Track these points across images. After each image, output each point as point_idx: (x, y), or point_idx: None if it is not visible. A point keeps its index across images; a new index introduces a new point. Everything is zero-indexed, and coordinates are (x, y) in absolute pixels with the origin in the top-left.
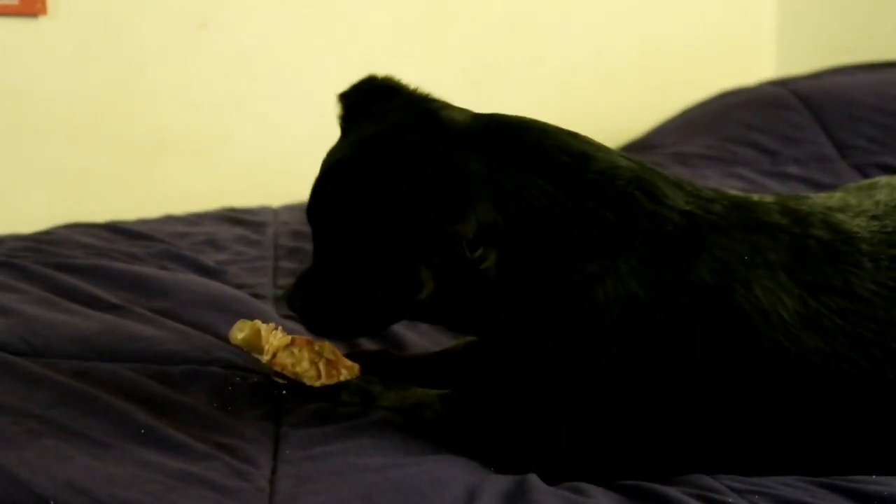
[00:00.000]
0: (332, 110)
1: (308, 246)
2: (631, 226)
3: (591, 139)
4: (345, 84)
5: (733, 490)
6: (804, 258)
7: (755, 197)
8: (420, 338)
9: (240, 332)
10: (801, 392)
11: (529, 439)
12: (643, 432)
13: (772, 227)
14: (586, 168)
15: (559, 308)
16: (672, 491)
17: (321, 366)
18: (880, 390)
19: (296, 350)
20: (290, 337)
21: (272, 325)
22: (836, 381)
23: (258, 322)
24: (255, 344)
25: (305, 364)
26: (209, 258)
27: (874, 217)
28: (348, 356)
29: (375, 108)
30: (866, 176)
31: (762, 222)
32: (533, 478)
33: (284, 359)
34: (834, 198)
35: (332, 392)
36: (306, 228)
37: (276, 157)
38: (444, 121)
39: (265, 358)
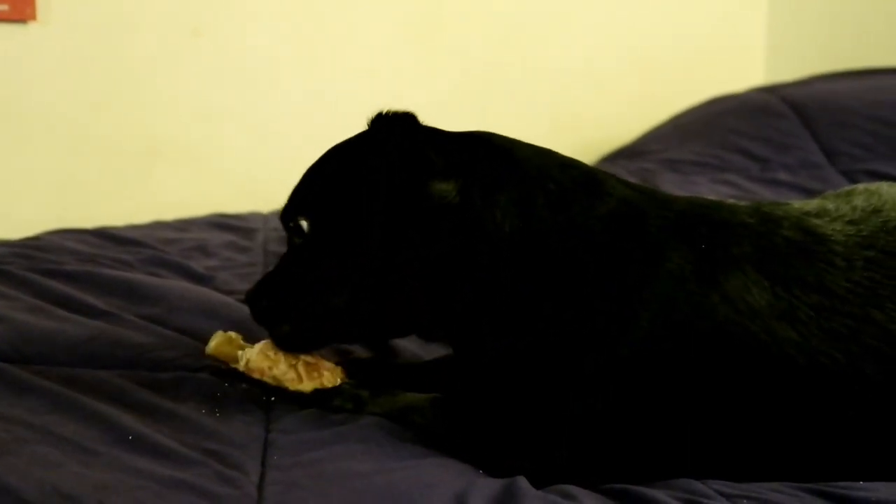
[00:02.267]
0: (325, 118)
1: None
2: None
3: None
4: (338, 92)
5: (722, 494)
6: (772, 254)
7: (728, 201)
8: (412, 345)
9: (212, 342)
10: (779, 384)
11: (518, 442)
12: (631, 431)
13: (736, 224)
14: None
15: (538, 307)
16: (661, 495)
17: (300, 368)
18: (858, 385)
19: (270, 353)
20: (262, 341)
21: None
22: (812, 374)
23: (231, 332)
24: (226, 351)
25: (283, 366)
26: (199, 264)
27: (851, 222)
28: (341, 363)
29: None
30: (855, 182)
31: (724, 220)
32: (521, 481)
33: (260, 362)
34: (811, 204)
35: (324, 397)
36: None
37: (269, 165)
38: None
39: (241, 364)
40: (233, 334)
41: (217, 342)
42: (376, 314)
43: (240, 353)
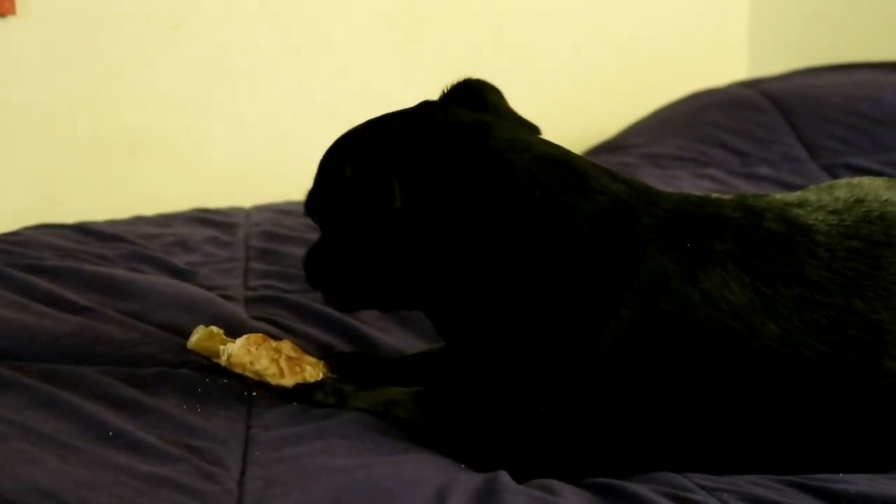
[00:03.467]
0: (308, 111)
1: (279, 247)
2: (575, 221)
3: None
4: (321, 86)
5: (703, 488)
6: (755, 248)
7: (713, 195)
8: (393, 340)
9: (193, 336)
10: (762, 377)
11: (500, 436)
12: (615, 426)
13: (720, 219)
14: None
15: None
16: (642, 489)
17: (282, 363)
18: (840, 376)
19: (252, 348)
20: (244, 336)
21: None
22: (794, 366)
23: (213, 327)
24: (208, 346)
25: (265, 361)
26: (180, 260)
27: (833, 212)
28: (323, 357)
29: None
30: (836, 176)
31: (710, 215)
32: (503, 476)
33: (242, 357)
34: (793, 195)
35: (306, 392)
36: (277, 230)
37: (251, 159)
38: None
39: (222, 359)
40: (214, 329)
41: (198, 337)
42: (388, 292)
43: (221, 347)
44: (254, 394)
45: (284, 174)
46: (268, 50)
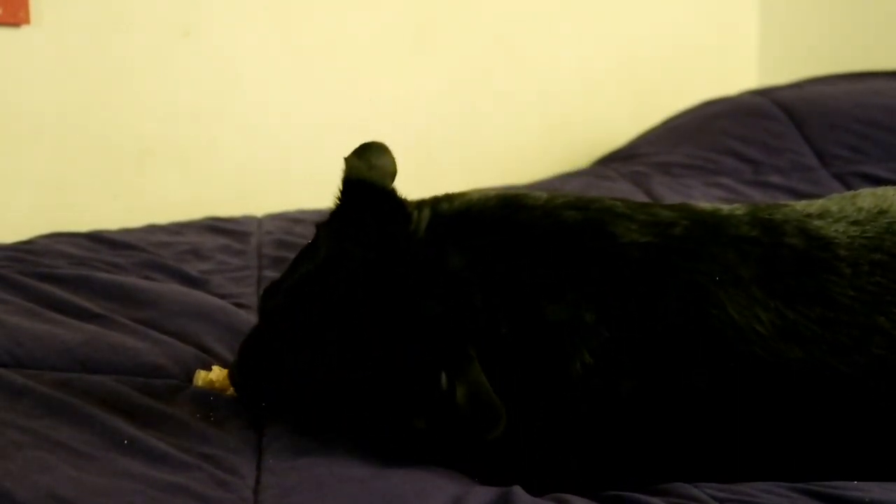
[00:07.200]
0: (317, 119)
1: (292, 256)
2: (586, 271)
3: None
4: (330, 94)
5: (716, 499)
6: (777, 269)
7: (724, 210)
8: None
9: (199, 381)
10: (784, 401)
11: (514, 449)
12: (627, 444)
13: (740, 240)
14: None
15: (531, 358)
16: (655, 501)
17: None
18: (864, 396)
19: None
20: None
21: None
22: (817, 388)
23: (213, 372)
24: (215, 388)
25: None
26: (193, 268)
27: (855, 223)
28: None
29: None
30: (847, 185)
31: (729, 237)
32: (517, 489)
33: None
34: (814, 205)
35: None
36: (290, 238)
37: (261, 166)
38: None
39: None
40: (214, 378)
41: (202, 385)
42: None
43: (229, 391)
44: None
45: (294, 181)
46: (277, 58)
